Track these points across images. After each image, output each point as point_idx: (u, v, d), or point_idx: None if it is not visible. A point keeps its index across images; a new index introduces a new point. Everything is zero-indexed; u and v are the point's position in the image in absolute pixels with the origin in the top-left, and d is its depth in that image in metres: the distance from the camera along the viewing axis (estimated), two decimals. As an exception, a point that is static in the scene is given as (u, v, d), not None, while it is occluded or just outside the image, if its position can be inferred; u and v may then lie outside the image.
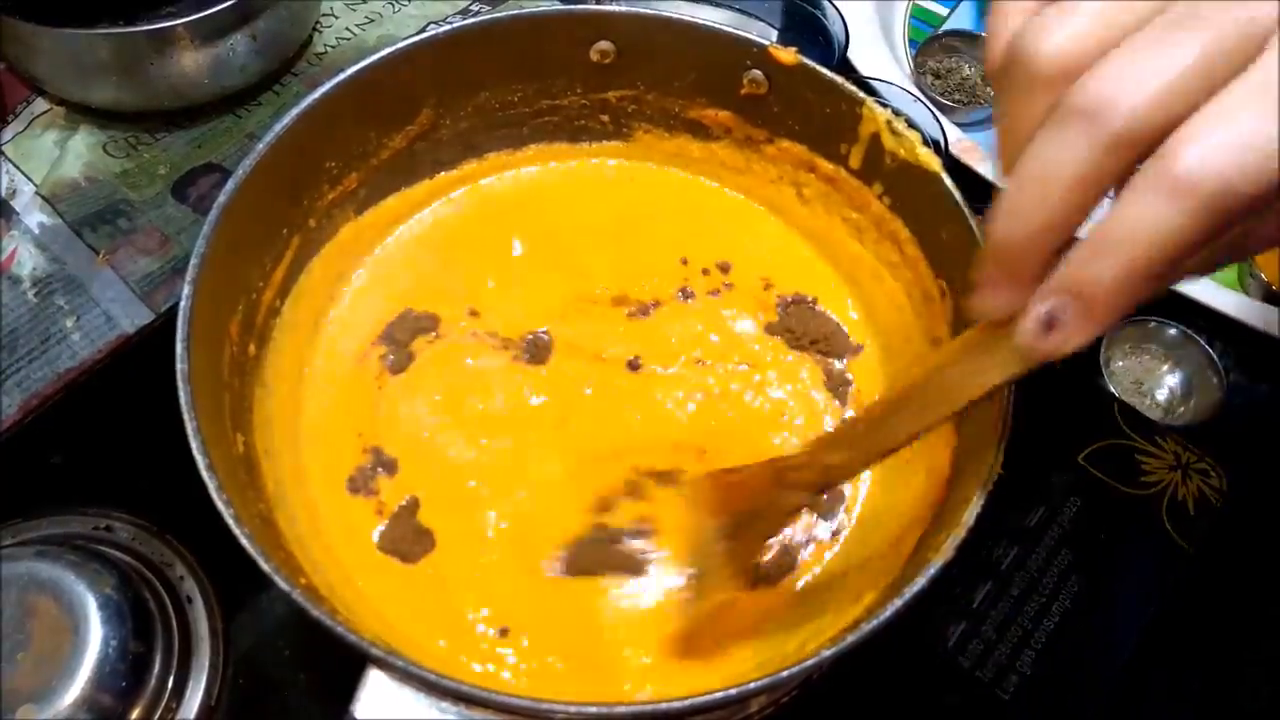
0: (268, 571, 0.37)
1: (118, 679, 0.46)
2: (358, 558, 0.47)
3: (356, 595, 0.46)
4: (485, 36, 0.53)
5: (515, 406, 0.52)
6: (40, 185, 0.68)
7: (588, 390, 0.53)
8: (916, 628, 0.55)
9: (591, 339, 0.54)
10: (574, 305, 0.56)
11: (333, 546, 0.47)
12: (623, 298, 0.56)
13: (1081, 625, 0.56)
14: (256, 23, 0.70)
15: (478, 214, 0.59)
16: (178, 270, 0.65)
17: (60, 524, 0.53)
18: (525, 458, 0.51)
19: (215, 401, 0.44)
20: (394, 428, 0.51)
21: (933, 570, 0.39)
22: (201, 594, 0.52)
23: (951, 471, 0.46)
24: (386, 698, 0.37)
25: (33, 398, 0.60)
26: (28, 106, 0.72)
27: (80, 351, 0.62)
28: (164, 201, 0.69)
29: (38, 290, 0.64)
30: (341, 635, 0.36)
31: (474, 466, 0.50)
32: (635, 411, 0.52)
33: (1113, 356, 0.66)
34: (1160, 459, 0.61)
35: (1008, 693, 0.54)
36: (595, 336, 0.55)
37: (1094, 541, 0.58)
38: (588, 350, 0.54)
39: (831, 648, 0.37)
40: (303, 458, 0.50)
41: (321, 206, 0.53)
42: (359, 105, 0.51)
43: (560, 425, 0.52)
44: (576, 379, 0.53)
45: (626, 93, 0.57)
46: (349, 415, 0.51)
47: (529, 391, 0.53)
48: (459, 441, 0.51)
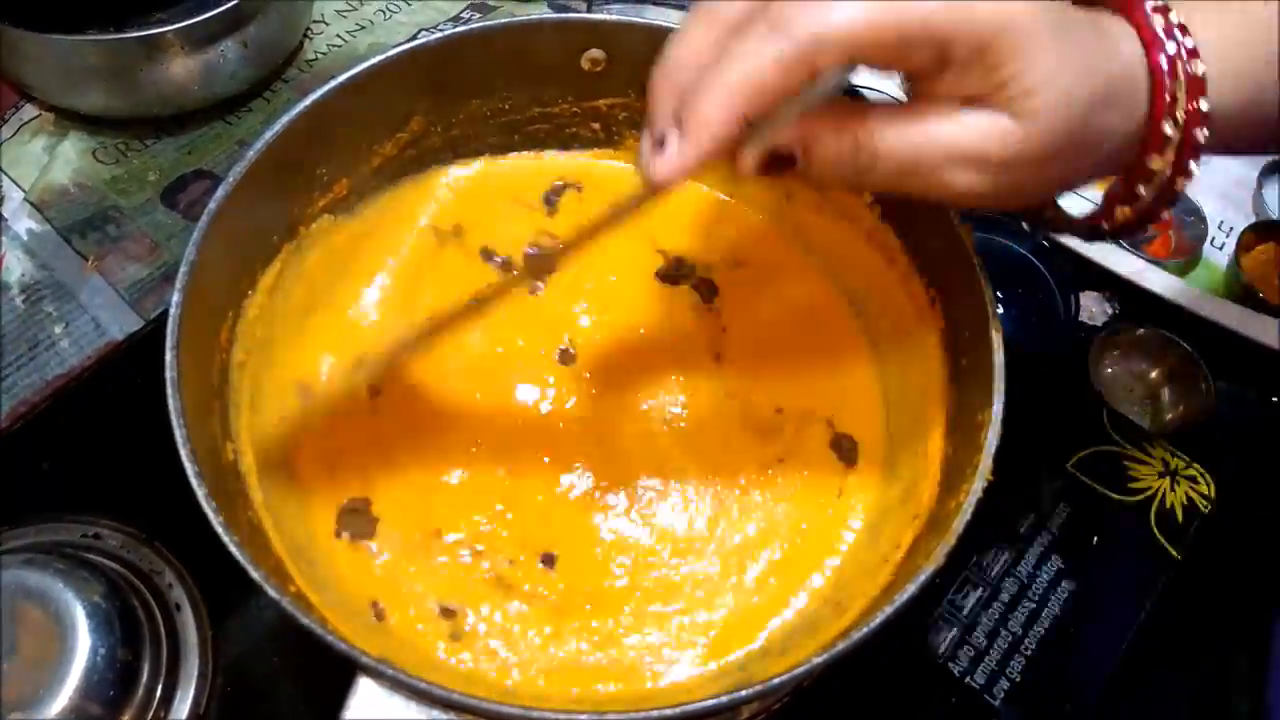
0: (257, 579, 0.37)
1: (106, 687, 0.46)
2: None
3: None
4: (476, 44, 0.53)
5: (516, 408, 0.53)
6: (29, 192, 0.68)
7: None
8: (907, 634, 0.55)
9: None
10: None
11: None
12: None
13: (1071, 631, 0.56)
14: (247, 29, 0.70)
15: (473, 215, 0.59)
16: (167, 277, 0.65)
17: (48, 531, 0.53)
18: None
19: (204, 409, 0.44)
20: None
21: (923, 577, 0.39)
22: (190, 602, 0.51)
23: (941, 478, 0.46)
24: (376, 705, 0.37)
25: (21, 405, 0.60)
26: (16, 112, 0.72)
27: (69, 359, 0.62)
28: (153, 208, 0.69)
29: (26, 297, 0.64)
30: (331, 643, 0.36)
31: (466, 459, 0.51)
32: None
33: (1102, 363, 0.67)
34: (1149, 466, 0.61)
35: (998, 699, 0.54)
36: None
37: (1083, 548, 0.59)
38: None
39: (822, 654, 0.37)
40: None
41: (312, 213, 0.53)
42: (350, 112, 0.51)
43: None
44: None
45: (617, 100, 0.57)
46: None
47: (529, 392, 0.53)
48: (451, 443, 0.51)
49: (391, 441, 0.51)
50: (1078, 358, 0.65)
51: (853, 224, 0.55)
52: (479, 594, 0.47)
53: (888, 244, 0.53)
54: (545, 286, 0.56)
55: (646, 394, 0.53)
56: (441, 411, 0.52)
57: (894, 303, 0.53)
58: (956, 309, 0.49)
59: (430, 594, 0.47)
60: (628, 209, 0.38)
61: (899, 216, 0.52)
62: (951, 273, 0.48)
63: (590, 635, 0.46)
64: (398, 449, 0.50)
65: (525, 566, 0.48)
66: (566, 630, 0.47)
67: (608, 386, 0.53)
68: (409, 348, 0.47)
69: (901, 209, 0.52)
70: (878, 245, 0.54)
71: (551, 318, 0.55)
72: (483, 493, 0.50)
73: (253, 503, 0.45)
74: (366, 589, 0.47)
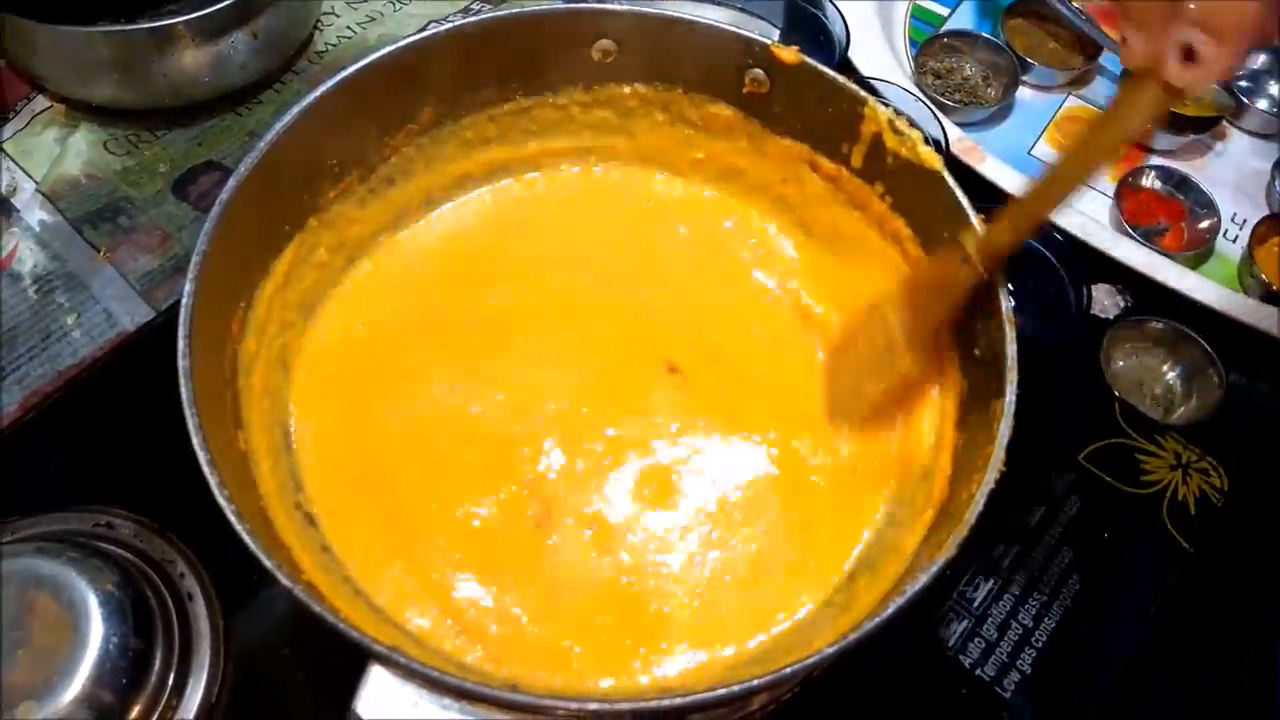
0: (270, 568, 0.37)
1: (118, 676, 0.46)
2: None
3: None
4: (486, 35, 0.53)
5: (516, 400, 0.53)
6: (41, 183, 0.68)
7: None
8: (918, 626, 0.55)
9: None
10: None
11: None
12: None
13: (1082, 624, 0.56)
14: (257, 21, 0.70)
15: (479, 213, 0.59)
16: (178, 268, 0.65)
17: (61, 521, 0.53)
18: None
19: (216, 399, 0.44)
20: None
21: (934, 568, 0.39)
22: (202, 591, 0.52)
23: (953, 469, 0.46)
24: (389, 695, 0.37)
25: (33, 395, 0.60)
26: (28, 104, 0.72)
27: (81, 349, 0.62)
28: (164, 199, 0.69)
29: (38, 288, 0.64)
30: (344, 632, 0.36)
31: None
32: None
33: (1113, 356, 0.66)
34: (1161, 458, 0.61)
35: (1008, 691, 0.54)
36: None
37: (1095, 540, 0.58)
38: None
39: (833, 645, 0.37)
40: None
41: (323, 204, 0.53)
42: (360, 103, 0.51)
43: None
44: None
45: (628, 90, 0.57)
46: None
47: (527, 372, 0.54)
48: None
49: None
50: (1090, 350, 0.65)
51: (864, 213, 0.55)
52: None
53: (899, 233, 0.53)
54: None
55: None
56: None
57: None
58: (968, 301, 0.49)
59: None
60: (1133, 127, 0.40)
61: (908, 206, 0.52)
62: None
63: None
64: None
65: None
66: (583, 615, 0.47)
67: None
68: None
69: (912, 198, 0.52)
70: (889, 235, 0.54)
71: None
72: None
73: (264, 492, 0.45)
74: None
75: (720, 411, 0.53)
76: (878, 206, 0.54)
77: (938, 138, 0.67)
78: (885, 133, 0.51)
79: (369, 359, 0.54)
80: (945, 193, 0.49)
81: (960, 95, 0.79)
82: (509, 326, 0.55)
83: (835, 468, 0.52)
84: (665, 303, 0.57)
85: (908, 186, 0.52)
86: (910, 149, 0.50)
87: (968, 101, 0.79)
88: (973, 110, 0.78)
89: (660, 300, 0.57)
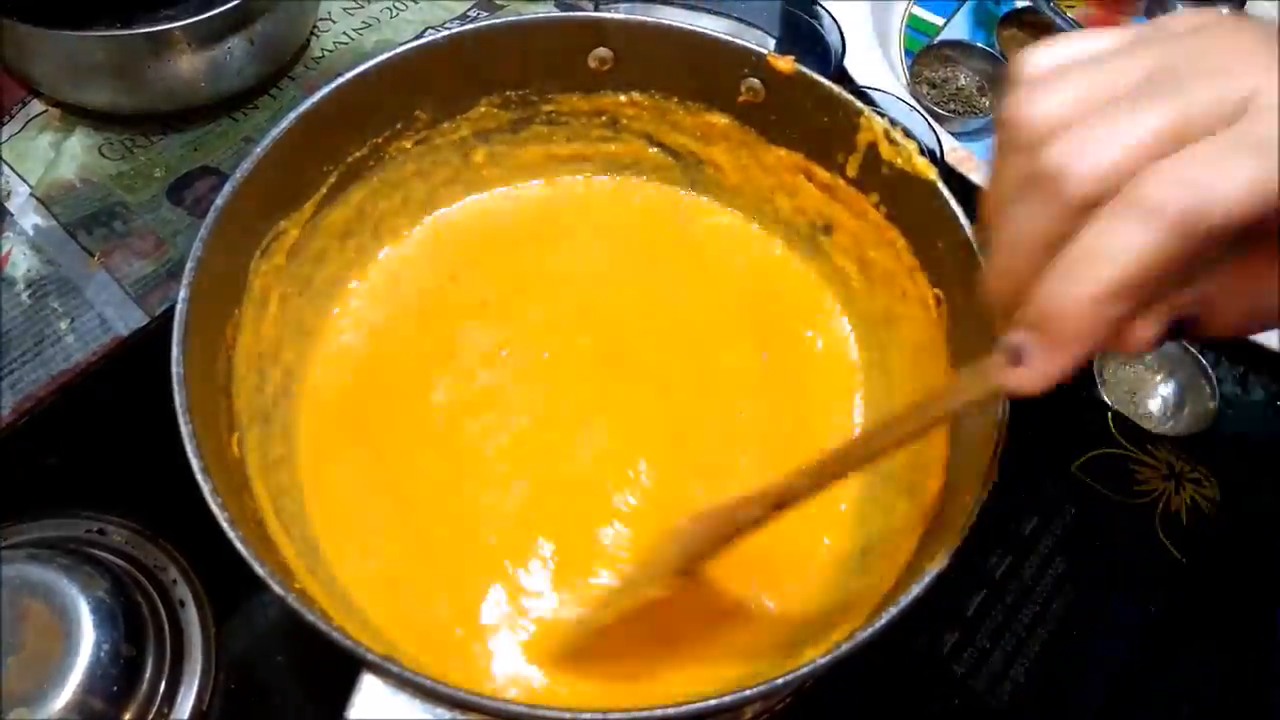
0: (263, 575, 0.37)
1: (109, 683, 0.46)
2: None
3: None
4: (483, 42, 0.53)
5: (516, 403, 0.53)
6: (35, 187, 0.68)
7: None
8: (910, 635, 0.55)
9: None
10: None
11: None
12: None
13: (1075, 634, 0.56)
14: (254, 26, 0.70)
15: (474, 222, 0.59)
16: (173, 273, 0.65)
17: (53, 527, 0.53)
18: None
19: (210, 405, 0.44)
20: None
21: (927, 578, 0.39)
22: (194, 598, 0.51)
23: (946, 479, 0.46)
24: (380, 703, 0.37)
25: (26, 400, 0.60)
26: (24, 108, 0.72)
27: (74, 354, 0.62)
28: (159, 204, 0.69)
29: (32, 292, 0.64)
30: (337, 640, 0.36)
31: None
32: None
33: (1106, 366, 0.66)
34: (1154, 468, 0.61)
35: (1001, 701, 0.54)
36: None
37: (1088, 550, 0.58)
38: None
39: (826, 655, 0.37)
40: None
41: (319, 211, 0.53)
42: (356, 110, 0.51)
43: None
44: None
45: (624, 99, 0.57)
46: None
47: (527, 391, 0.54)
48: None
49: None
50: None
51: (862, 221, 0.55)
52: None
53: (893, 242, 0.53)
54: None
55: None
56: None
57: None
58: (961, 310, 0.49)
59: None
60: (955, 412, 0.36)
61: (902, 216, 0.52)
62: (956, 274, 0.48)
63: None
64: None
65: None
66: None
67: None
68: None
69: (906, 208, 0.52)
70: (884, 243, 0.54)
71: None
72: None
73: (258, 499, 0.45)
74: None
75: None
76: (873, 216, 0.54)
77: (932, 147, 0.67)
78: (880, 143, 0.51)
79: (366, 367, 0.53)
80: (940, 203, 0.49)
81: (955, 105, 0.80)
82: (506, 337, 0.55)
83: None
84: (661, 324, 0.57)
85: (903, 196, 0.52)
86: (906, 159, 0.50)
87: (963, 111, 0.79)
88: (967, 120, 0.78)
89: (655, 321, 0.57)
